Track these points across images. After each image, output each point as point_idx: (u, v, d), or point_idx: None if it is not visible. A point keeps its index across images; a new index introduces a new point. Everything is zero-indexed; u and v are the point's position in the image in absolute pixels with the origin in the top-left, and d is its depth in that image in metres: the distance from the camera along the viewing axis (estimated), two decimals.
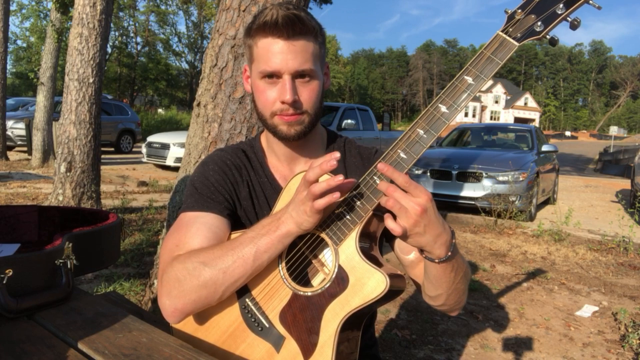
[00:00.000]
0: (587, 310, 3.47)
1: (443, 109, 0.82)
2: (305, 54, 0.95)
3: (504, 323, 3.15)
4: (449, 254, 0.84)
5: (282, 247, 0.88)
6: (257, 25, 0.96)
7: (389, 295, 0.84)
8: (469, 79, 0.81)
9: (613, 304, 3.62)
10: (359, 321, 0.91)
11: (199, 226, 0.95)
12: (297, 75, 0.95)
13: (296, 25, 0.93)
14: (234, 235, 0.97)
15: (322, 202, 0.80)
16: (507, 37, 0.80)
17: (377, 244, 0.97)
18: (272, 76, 0.96)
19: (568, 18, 0.79)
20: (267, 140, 1.09)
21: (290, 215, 0.85)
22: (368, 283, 0.84)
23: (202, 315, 0.96)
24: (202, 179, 1.02)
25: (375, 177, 0.85)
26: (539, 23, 0.80)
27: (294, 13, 0.94)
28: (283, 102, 0.96)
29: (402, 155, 0.83)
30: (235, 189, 1.04)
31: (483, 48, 0.82)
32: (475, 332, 2.97)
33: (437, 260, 0.84)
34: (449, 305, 0.96)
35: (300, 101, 0.97)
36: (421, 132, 0.83)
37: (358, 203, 0.86)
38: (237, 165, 1.06)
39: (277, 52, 0.94)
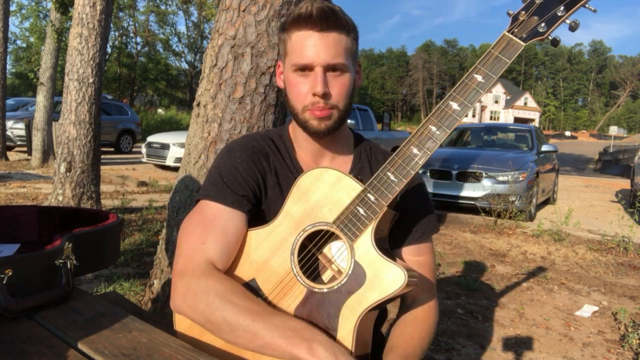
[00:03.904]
0: (587, 310, 3.47)
1: (455, 106, 0.84)
2: (337, 48, 0.95)
3: (504, 323, 3.15)
4: None
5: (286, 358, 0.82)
6: (292, 18, 0.95)
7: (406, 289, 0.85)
8: (479, 77, 0.84)
9: (613, 304, 3.62)
10: (373, 317, 0.92)
11: (220, 229, 0.94)
12: (329, 68, 0.95)
13: (330, 17, 0.93)
14: (254, 232, 0.96)
15: None
16: (514, 38, 0.83)
17: (387, 239, 0.98)
18: (305, 69, 0.95)
19: (567, 20, 0.81)
20: (295, 133, 1.09)
21: (319, 353, 0.78)
22: (386, 277, 0.84)
23: None
24: (230, 168, 1.00)
25: (389, 174, 0.86)
26: (542, 24, 0.82)
27: (329, 6, 0.94)
28: (314, 94, 0.95)
29: (415, 151, 0.85)
30: (264, 177, 1.02)
31: (491, 48, 0.85)
32: (475, 332, 2.97)
33: None
34: None
35: (330, 94, 0.96)
36: (434, 128, 0.85)
37: (372, 199, 0.86)
38: (265, 153, 1.05)
39: (310, 45, 0.93)
